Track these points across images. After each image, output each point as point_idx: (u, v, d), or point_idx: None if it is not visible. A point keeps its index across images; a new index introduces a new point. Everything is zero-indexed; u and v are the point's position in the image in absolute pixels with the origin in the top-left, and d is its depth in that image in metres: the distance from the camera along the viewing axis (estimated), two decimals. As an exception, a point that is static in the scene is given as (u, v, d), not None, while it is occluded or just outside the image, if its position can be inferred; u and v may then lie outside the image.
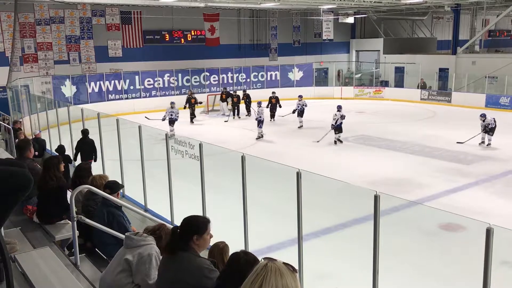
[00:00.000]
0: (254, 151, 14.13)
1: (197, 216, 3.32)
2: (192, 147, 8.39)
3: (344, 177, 10.42)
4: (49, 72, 23.30)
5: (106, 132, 11.06)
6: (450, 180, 12.20)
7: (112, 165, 10.75)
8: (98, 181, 5.33)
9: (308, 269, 6.15)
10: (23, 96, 18.02)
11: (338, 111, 16.89)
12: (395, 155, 15.04)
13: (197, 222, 3.20)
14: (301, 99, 20.52)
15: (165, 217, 8.27)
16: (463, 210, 9.42)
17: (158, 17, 25.59)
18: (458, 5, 27.35)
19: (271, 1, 24.83)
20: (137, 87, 25.08)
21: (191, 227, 3.16)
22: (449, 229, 8.88)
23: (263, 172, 9.43)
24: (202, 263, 3.08)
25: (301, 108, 20.31)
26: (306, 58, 31.65)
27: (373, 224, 4.98)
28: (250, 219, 6.99)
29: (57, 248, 4.60)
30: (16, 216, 5.29)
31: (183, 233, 3.13)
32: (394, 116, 22.65)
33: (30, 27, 22.71)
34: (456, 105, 25.09)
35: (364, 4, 26.49)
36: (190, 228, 3.15)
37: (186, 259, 3.07)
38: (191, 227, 3.16)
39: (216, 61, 28.14)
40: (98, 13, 24.72)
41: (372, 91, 29.18)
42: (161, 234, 3.88)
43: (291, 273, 1.84)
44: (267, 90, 28.29)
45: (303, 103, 20.35)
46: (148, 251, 3.52)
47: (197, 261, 3.08)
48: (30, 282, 3.59)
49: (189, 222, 3.18)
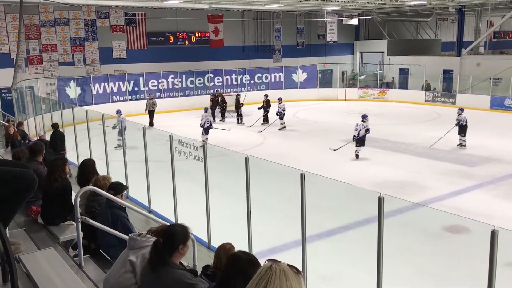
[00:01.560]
0: (258, 153, 14.13)
1: (176, 224, 3.30)
2: (196, 149, 8.41)
3: (348, 179, 10.43)
4: (54, 74, 23.40)
5: (111, 133, 11.10)
6: (455, 182, 12.16)
7: (116, 166, 10.77)
8: (102, 182, 5.33)
9: (312, 271, 6.14)
10: (28, 97, 18.09)
11: (362, 121, 15.14)
12: (399, 157, 15.01)
13: (181, 231, 3.15)
14: (280, 101, 20.21)
15: (169, 218, 8.28)
16: (467, 212, 9.39)
17: (162, 18, 25.65)
18: (462, 7, 27.27)
19: (275, 3, 24.85)
20: (141, 89, 25.14)
21: (177, 237, 3.10)
22: (454, 231, 8.85)
23: (267, 174, 9.42)
24: (185, 277, 3.02)
25: (281, 112, 20.00)
26: (310, 59, 31.65)
27: (377, 226, 4.97)
28: (254, 220, 6.99)
29: (61, 249, 4.61)
30: (21, 217, 5.31)
31: (169, 244, 3.06)
32: (398, 118, 22.60)
33: (35, 28, 22.82)
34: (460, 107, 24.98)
35: (368, 5, 26.47)
36: (176, 238, 3.10)
37: (170, 274, 3.01)
38: (178, 237, 3.11)
39: (220, 62, 28.18)
40: (103, 15, 24.81)
41: (376, 92, 29.13)
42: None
43: (295, 275, 1.84)
44: (271, 92, 28.37)
45: (283, 107, 20.00)
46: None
47: (179, 275, 3.02)
48: (35, 283, 3.60)
49: (174, 232, 3.13)
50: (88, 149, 12.07)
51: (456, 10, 27.98)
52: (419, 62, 28.61)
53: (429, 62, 28.55)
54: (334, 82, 31.00)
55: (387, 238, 5.01)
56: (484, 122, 21.16)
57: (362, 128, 14.95)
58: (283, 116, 20.08)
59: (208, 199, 7.89)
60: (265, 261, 1.91)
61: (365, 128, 14.95)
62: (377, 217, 4.95)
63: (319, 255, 7.50)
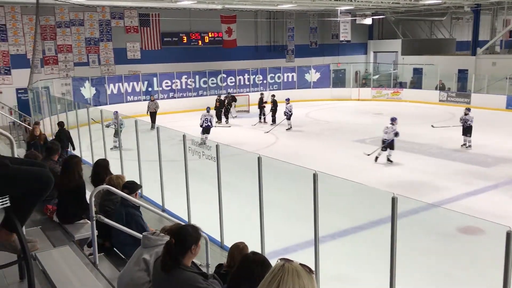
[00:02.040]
0: (270, 153, 14.13)
1: (187, 225, 3.29)
2: (209, 148, 8.45)
3: (361, 179, 10.39)
4: (69, 74, 23.66)
5: (125, 133, 11.20)
6: (469, 183, 12.04)
7: (130, 165, 10.86)
8: (115, 181, 5.38)
9: (324, 271, 6.13)
10: (44, 97, 18.32)
11: (391, 124, 14.50)
12: (413, 157, 14.90)
13: (193, 231, 3.15)
14: (288, 102, 20.25)
15: (182, 217, 8.33)
16: (482, 213, 9.28)
17: (176, 19, 25.79)
18: (478, 5, 26.95)
19: (288, 3, 24.83)
20: (155, 89, 25.30)
21: (189, 238, 3.10)
22: (468, 232, 8.77)
23: (279, 174, 9.42)
24: (196, 280, 3.02)
25: (288, 112, 20.03)
26: (323, 59, 31.55)
27: (391, 226, 4.95)
28: (266, 220, 7.00)
29: (76, 247, 4.67)
30: (37, 215, 5.38)
31: (183, 245, 3.06)
32: (412, 118, 22.41)
33: (50, 29, 23.10)
34: (475, 106, 24.62)
35: (382, 5, 26.30)
36: (188, 239, 3.09)
37: (181, 276, 3.00)
38: (189, 237, 3.10)
39: (233, 62, 28.23)
40: (117, 16, 25.03)
41: (390, 92, 28.94)
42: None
43: (308, 274, 1.84)
44: (283, 92, 28.35)
45: (290, 107, 20.02)
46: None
47: (190, 278, 3.02)
48: (50, 280, 3.65)
49: (187, 233, 3.12)
50: (103, 149, 12.19)
51: (471, 9, 27.65)
52: (433, 62, 28.34)
53: (443, 62, 28.26)
54: (347, 82, 30.86)
55: (400, 238, 4.98)
56: (500, 122, 20.92)
57: (391, 131, 14.31)
58: (290, 116, 20.06)
59: (220, 198, 7.92)
60: (278, 260, 1.92)
61: (394, 131, 14.30)
62: (391, 218, 4.93)
63: (332, 255, 7.49)
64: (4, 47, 21.98)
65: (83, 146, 13.73)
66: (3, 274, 3.51)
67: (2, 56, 21.97)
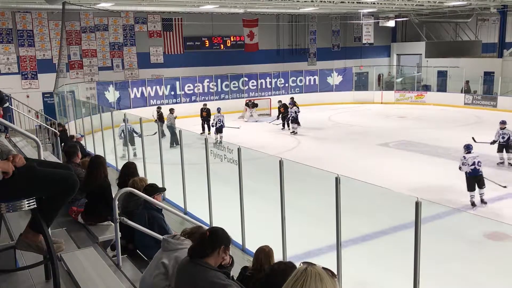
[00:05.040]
0: (292, 156, 14.09)
1: (220, 228, 3.35)
2: (231, 152, 8.47)
3: (384, 183, 10.23)
4: (94, 78, 24.07)
5: (148, 136, 11.33)
6: (496, 188, 11.75)
7: (153, 168, 10.97)
8: (139, 183, 5.44)
9: (347, 276, 6.07)
10: (69, 101, 18.68)
11: (501, 128, 13.68)
12: (437, 161, 14.65)
13: (223, 234, 3.22)
14: (292, 105, 20.17)
15: (204, 220, 8.37)
16: (509, 219, 9.07)
17: (198, 23, 25.99)
18: (504, 6, 26.39)
19: (310, 6, 24.76)
20: (177, 93, 25.54)
21: (222, 237, 3.18)
22: (495, 238, 8.57)
23: (301, 177, 9.39)
24: (218, 278, 3.04)
25: (295, 115, 19.91)
26: (346, 62, 31.35)
27: (414, 231, 4.88)
28: (288, 224, 6.98)
29: (100, 248, 4.73)
30: (62, 217, 5.47)
31: (213, 241, 3.13)
32: (437, 121, 22.07)
33: (76, 34, 23.56)
34: (502, 110, 24.17)
35: (405, 7, 26.00)
36: (221, 238, 3.17)
37: (203, 273, 3.04)
38: (222, 236, 3.18)
39: (254, 66, 28.29)
40: (141, 21, 25.37)
41: (414, 95, 28.57)
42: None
43: (330, 278, 1.83)
44: (305, 95, 28.29)
45: (293, 111, 19.93)
46: (185, 254, 3.56)
47: (213, 275, 3.04)
48: (75, 280, 3.71)
49: (220, 232, 3.21)
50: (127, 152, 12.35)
51: (497, 10, 27.08)
52: (459, 64, 27.86)
53: (469, 64, 27.75)
54: (370, 85, 30.58)
55: (424, 244, 4.90)
56: (528, 125, 20.40)
57: (504, 135, 13.54)
58: (293, 120, 19.92)
59: (242, 201, 7.92)
60: (300, 264, 1.90)
61: (507, 135, 13.48)
62: (414, 222, 4.86)
63: (354, 260, 7.41)
64: (31, 52, 22.51)
65: (107, 149, 13.93)
66: (30, 274, 3.57)
67: (30, 61, 22.49)
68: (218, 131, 17.93)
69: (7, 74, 21.80)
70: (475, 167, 10.50)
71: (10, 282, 3.53)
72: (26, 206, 2.85)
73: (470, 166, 10.51)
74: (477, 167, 10.51)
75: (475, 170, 10.50)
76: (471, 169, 10.51)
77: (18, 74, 22.28)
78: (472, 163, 10.50)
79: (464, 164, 10.64)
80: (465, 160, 10.63)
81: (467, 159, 10.62)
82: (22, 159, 2.78)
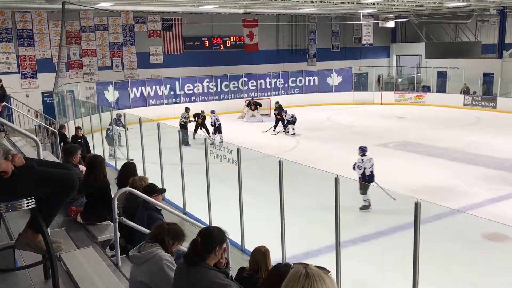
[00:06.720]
0: (291, 156, 14.08)
1: (214, 227, 3.32)
2: (230, 152, 8.47)
3: (383, 184, 10.27)
4: (93, 78, 24.07)
5: (147, 136, 11.32)
6: (495, 188, 11.77)
7: (152, 168, 10.97)
8: (138, 183, 5.41)
9: (346, 276, 6.07)
10: (68, 101, 18.66)
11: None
12: (436, 162, 14.66)
13: (219, 233, 3.18)
14: (286, 114, 20.05)
15: (204, 220, 8.37)
16: (508, 220, 9.08)
17: (198, 23, 25.99)
18: (504, 8, 26.41)
19: (310, 6, 24.76)
20: (177, 93, 25.53)
21: (216, 238, 3.14)
22: (494, 239, 8.57)
23: (301, 178, 9.38)
24: (218, 278, 3.04)
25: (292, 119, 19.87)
26: (345, 63, 31.36)
27: (413, 232, 4.88)
28: (287, 224, 6.98)
29: (99, 248, 4.73)
30: (61, 217, 5.47)
31: (208, 244, 3.09)
32: (436, 122, 22.08)
33: (75, 34, 23.55)
34: (501, 111, 24.22)
35: (405, 8, 26.00)
36: (215, 239, 3.13)
37: (203, 274, 3.03)
38: (216, 237, 3.14)
39: (254, 66, 28.30)
40: (140, 20, 25.37)
41: (413, 96, 28.59)
42: (163, 237, 3.52)
43: (329, 277, 1.83)
44: (305, 96, 28.30)
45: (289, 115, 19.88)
46: (158, 264, 3.34)
47: (212, 275, 3.04)
48: (74, 280, 3.71)
49: (213, 233, 3.16)
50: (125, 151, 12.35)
51: (497, 11, 27.12)
52: (458, 65, 27.88)
53: (468, 65, 27.77)
54: (369, 85, 30.60)
55: (423, 244, 4.91)
56: (527, 126, 20.43)
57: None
58: (289, 122, 19.83)
59: (241, 202, 7.92)
60: (292, 265, 1.88)
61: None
62: (414, 223, 4.86)
63: (353, 260, 7.41)
64: (31, 52, 22.50)
65: (106, 148, 13.93)
66: (29, 274, 3.57)
67: (29, 61, 22.49)
68: (217, 131, 17.91)
69: (7, 74, 21.75)
70: (372, 171, 10.41)
71: (9, 281, 3.53)
72: (26, 205, 2.85)
73: (369, 168, 10.37)
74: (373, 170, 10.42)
75: (371, 174, 10.41)
76: (370, 171, 10.38)
77: (17, 74, 22.27)
78: (370, 166, 10.40)
79: (359, 168, 10.41)
80: (362, 164, 10.45)
81: (365, 162, 10.48)
82: (22, 158, 2.78)
